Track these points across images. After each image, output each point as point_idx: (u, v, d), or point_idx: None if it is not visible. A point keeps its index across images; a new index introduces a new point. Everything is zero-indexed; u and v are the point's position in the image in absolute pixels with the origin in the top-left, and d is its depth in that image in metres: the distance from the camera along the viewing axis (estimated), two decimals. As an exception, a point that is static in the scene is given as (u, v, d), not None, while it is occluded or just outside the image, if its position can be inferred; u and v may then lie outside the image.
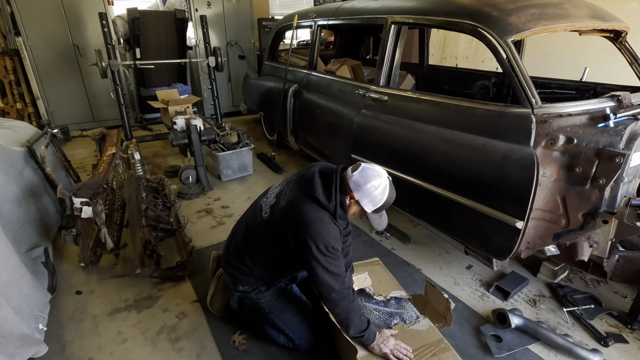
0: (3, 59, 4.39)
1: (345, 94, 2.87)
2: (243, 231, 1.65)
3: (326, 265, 1.38)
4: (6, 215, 1.88)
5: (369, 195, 1.42)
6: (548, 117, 1.71)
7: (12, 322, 1.46)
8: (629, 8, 3.55)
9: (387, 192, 1.44)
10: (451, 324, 1.73)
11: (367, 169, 1.44)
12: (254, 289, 1.66)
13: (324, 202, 1.42)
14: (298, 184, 1.51)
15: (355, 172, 1.44)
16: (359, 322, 1.44)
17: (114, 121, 4.96)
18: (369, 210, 1.45)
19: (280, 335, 1.73)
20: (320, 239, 1.37)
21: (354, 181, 1.43)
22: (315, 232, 1.37)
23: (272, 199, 1.58)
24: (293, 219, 1.43)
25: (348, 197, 1.46)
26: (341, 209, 1.45)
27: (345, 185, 1.47)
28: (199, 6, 5.05)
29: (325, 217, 1.42)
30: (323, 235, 1.38)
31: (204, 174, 3.45)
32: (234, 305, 1.87)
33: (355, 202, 1.46)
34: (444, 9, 2.15)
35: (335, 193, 1.44)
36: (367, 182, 1.41)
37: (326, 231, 1.39)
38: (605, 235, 1.66)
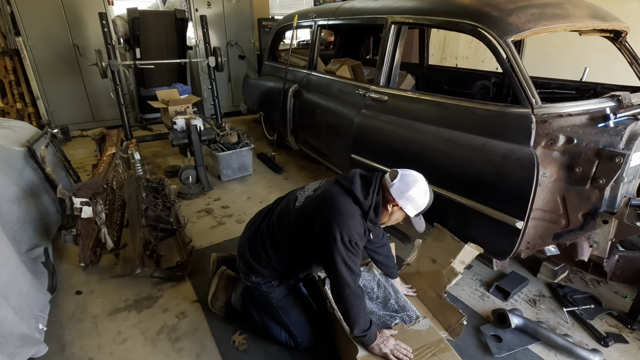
0: (3, 59, 4.39)
1: (345, 94, 2.87)
2: (272, 222, 1.64)
3: (346, 259, 1.39)
4: (6, 215, 1.88)
5: (412, 201, 1.45)
6: (548, 117, 1.71)
7: (12, 322, 1.46)
8: (629, 8, 3.55)
9: (428, 195, 1.48)
10: (454, 339, 1.74)
11: (406, 176, 1.47)
12: (266, 282, 1.65)
13: (361, 198, 1.44)
14: (337, 180, 1.54)
15: (395, 179, 1.46)
16: (364, 321, 1.45)
17: (114, 121, 4.96)
18: (412, 214, 1.48)
19: (283, 333, 1.73)
20: (347, 231, 1.38)
21: (396, 188, 1.45)
22: (343, 223, 1.38)
23: (309, 192, 1.60)
24: (324, 206, 1.44)
25: (390, 205, 1.48)
26: (374, 212, 1.46)
27: (384, 192, 1.49)
28: (199, 6, 5.05)
29: (357, 212, 1.43)
30: (350, 228, 1.38)
31: (204, 174, 3.45)
32: (236, 302, 1.86)
33: (399, 209, 1.48)
34: (444, 9, 2.15)
35: (372, 194, 1.46)
36: (409, 188, 1.44)
37: (354, 225, 1.40)
38: (605, 235, 1.67)
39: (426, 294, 1.96)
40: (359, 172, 1.54)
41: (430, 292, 1.94)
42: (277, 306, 1.67)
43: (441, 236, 2.01)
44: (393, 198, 1.46)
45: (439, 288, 1.88)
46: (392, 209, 1.49)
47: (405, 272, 2.13)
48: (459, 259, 1.85)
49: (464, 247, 1.85)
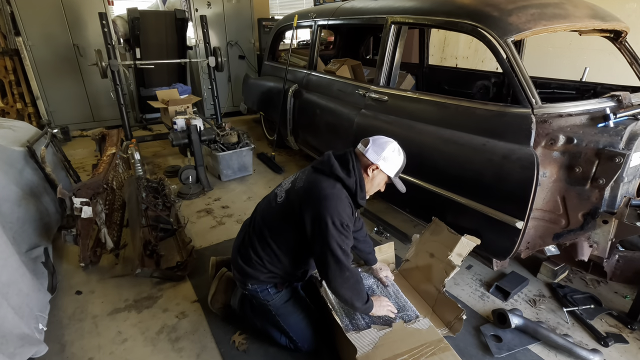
0: (3, 59, 4.39)
1: (345, 94, 2.87)
2: (257, 222, 1.63)
3: (340, 243, 1.41)
4: (6, 215, 1.88)
5: (389, 160, 1.50)
6: (548, 117, 1.71)
7: (12, 322, 1.46)
8: (629, 8, 3.55)
9: (402, 153, 1.55)
10: (455, 335, 1.74)
11: (377, 139, 1.53)
12: (262, 290, 1.62)
13: (344, 178, 1.46)
14: (313, 167, 1.56)
15: (368, 145, 1.51)
16: (363, 295, 1.53)
17: (114, 121, 4.96)
18: (392, 174, 1.53)
19: (282, 337, 1.72)
20: (336, 215, 1.40)
21: (371, 152, 1.50)
22: (332, 207, 1.40)
23: (287, 185, 1.61)
24: (311, 195, 1.45)
25: (370, 169, 1.51)
26: (360, 188, 1.50)
27: (362, 161, 1.52)
28: (199, 6, 5.05)
29: (343, 194, 1.46)
30: (339, 212, 1.41)
31: (204, 174, 3.45)
32: (235, 304, 1.87)
33: (379, 171, 1.52)
34: (444, 9, 2.15)
35: (353, 169, 1.48)
36: (383, 149, 1.49)
37: (342, 208, 1.43)
38: (605, 235, 1.66)
39: (425, 289, 1.97)
40: (332, 153, 1.56)
41: (429, 287, 1.94)
42: (275, 313, 1.66)
43: (438, 230, 2.01)
44: (371, 162, 1.50)
45: (437, 282, 1.88)
46: (372, 174, 1.53)
47: (404, 268, 2.13)
48: (456, 252, 1.85)
49: (460, 239, 1.86)
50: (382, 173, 1.53)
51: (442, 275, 1.87)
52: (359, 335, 1.50)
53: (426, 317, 1.67)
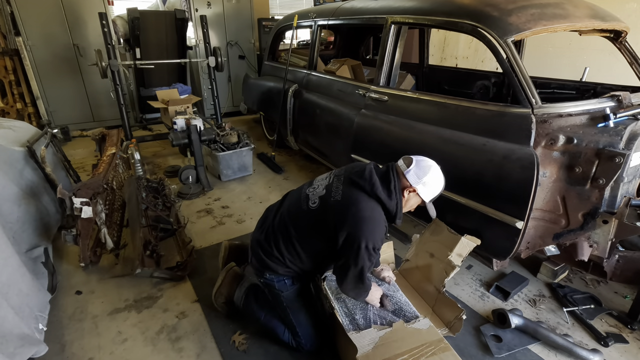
0: (3, 59, 4.39)
1: (345, 94, 2.87)
2: (283, 218, 1.62)
3: (367, 265, 1.45)
4: (6, 215, 1.88)
5: (428, 186, 1.48)
6: (548, 117, 1.71)
7: (12, 322, 1.46)
8: (629, 8, 3.55)
9: (442, 179, 1.52)
10: (455, 335, 1.74)
11: (421, 161, 1.50)
12: (279, 280, 1.64)
13: (385, 201, 1.45)
14: (351, 179, 1.50)
15: (411, 165, 1.48)
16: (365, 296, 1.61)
17: (114, 121, 4.96)
18: (427, 200, 1.51)
19: (286, 332, 1.72)
20: (372, 239, 1.40)
21: (413, 174, 1.47)
22: (370, 231, 1.40)
23: (321, 190, 1.56)
24: (348, 214, 1.43)
25: (407, 191, 1.49)
26: (400, 210, 1.50)
27: (400, 180, 1.50)
28: (199, 6, 5.05)
29: (382, 218, 1.45)
30: (375, 236, 1.42)
31: (204, 174, 3.45)
32: (239, 299, 1.85)
33: (415, 194, 1.50)
34: (444, 9, 2.15)
35: (395, 191, 1.46)
36: (425, 173, 1.47)
37: (379, 232, 1.44)
38: (605, 235, 1.67)
39: (425, 289, 1.97)
40: (373, 167, 1.52)
41: (429, 287, 1.94)
42: (287, 306, 1.68)
43: (438, 230, 2.02)
44: (410, 184, 1.47)
45: (437, 282, 1.88)
46: (408, 195, 1.50)
47: (404, 268, 2.13)
48: (456, 252, 1.85)
49: (460, 239, 1.86)
50: (417, 196, 1.50)
51: (442, 275, 1.87)
52: (359, 335, 1.50)
53: (426, 317, 1.67)
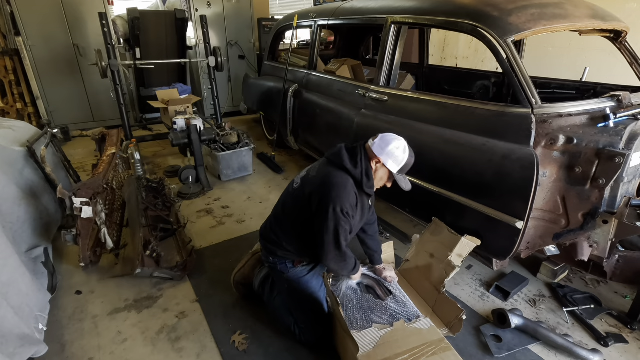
0: (3, 59, 4.39)
1: (345, 94, 2.87)
2: (279, 205, 1.80)
3: (338, 227, 1.51)
4: (6, 215, 1.87)
5: (393, 156, 1.56)
6: (548, 117, 1.71)
7: (12, 321, 1.46)
8: (629, 8, 3.55)
9: (408, 152, 1.59)
10: (455, 335, 1.74)
11: (386, 135, 1.60)
12: (281, 263, 1.75)
13: (351, 169, 1.57)
14: (327, 158, 1.67)
15: (376, 139, 1.61)
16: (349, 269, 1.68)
17: (114, 121, 4.96)
18: (394, 170, 1.59)
19: (290, 317, 1.78)
20: (339, 202, 1.50)
21: (377, 145, 1.58)
22: (337, 195, 1.51)
23: (304, 173, 1.73)
24: (320, 183, 1.58)
25: (374, 162, 1.60)
26: (366, 177, 1.58)
27: (369, 154, 1.61)
28: (199, 6, 5.05)
29: (349, 183, 1.55)
30: (342, 199, 1.51)
31: (204, 174, 3.45)
32: (256, 282, 1.98)
33: (382, 166, 1.59)
34: (444, 9, 2.15)
35: (360, 161, 1.57)
36: (389, 144, 1.57)
37: (346, 196, 1.52)
38: (605, 235, 1.66)
39: (425, 289, 1.97)
40: (344, 146, 1.65)
41: (429, 287, 1.94)
42: (289, 287, 1.77)
43: (438, 230, 2.02)
44: (375, 155, 1.58)
45: (437, 283, 1.88)
46: (375, 167, 1.61)
47: (404, 268, 2.13)
48: (456, 252, 1.86)
49: (460, 240, 1.86)
50: (384, 168, 1.60)
51: (442, 275, 1.87)
52: (360, 335, 1.50)
53: (427, 317, 1.67)
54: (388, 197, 2.62)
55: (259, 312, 1.96)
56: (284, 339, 1.80)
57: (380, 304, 1.76)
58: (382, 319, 1.66)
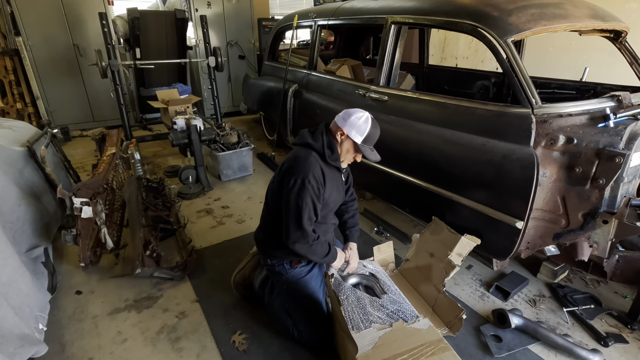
0: (3, 59, 4.39)
1: (345, 94, 2.87)
2: (264, 205, 1.81)
3: (298, 200, 1.51)
4: (6, 215, 1.88)
5: (355, 126, 1.58)
6: (548, 117, 1.71)
7: (12, 321, 1.46)
8: (629, 8, 3.55)
9: (370, 122, 1.61)
10: (455, 334, 1.74)
11: (349, 109, 1.64)
12: (279, 264, 1.74)
13: (312, 143, 1.61)
14: (293, 144, 1.73)
15: (340, 113, 1.65)
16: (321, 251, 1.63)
17: (114, 121, 4.96)
18: (358, 140, 1.59)
19: (288, 319, 1.77)
20: (301, 173, 1.53)
21: (340, 118, 1.62)
22: (298, 167, 1.55)
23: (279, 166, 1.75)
24: (286, 165, 1.62)
25: (338, 134, 1.62)
26: (329, 149, 1.61)
27: (332, 128, 1.65)
28: (199, 6, 5.05)
29: (311, 156, 1.58)
30: (305, 170, 1.53)
31: (204, 174, 3.45)
32: (256, 284, 1.98)
33: (346, 137, 1.61)
34: (444, 9, 2.15)
35: (321, 135, 1.62)
36: (350, 115, 1.60)
37: (308, 167, 1.54)
38: (605, 235, 1.66)
39: (425, 289, 1.97)
40: (307, 129, 1.70)
41: (429, 287, 1.94)
42: (287, 288, 1.76)
43: (438, 229, 2.02)
44: (338, 126, 1.61)
45: (437, 282, 1.89)
46: (340, 139, 1.63)
47: (404, 267, 2.13)
48: (456, 252, 1.86)
49: (460, 239, 1.86)
50: (349, 139, 1.61)
51: (442, 275, 1.87)
52: (359, 335, 1.50)
53: (426, 317, 1.67)
54: (388, 197, 2.62)
55: (259, 312, 1.96)
56: (284, 339, 1.80)
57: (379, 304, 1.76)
58: (381, 320, 1.66)
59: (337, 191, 1.71)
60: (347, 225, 1.89)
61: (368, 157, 1.64)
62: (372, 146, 1.66)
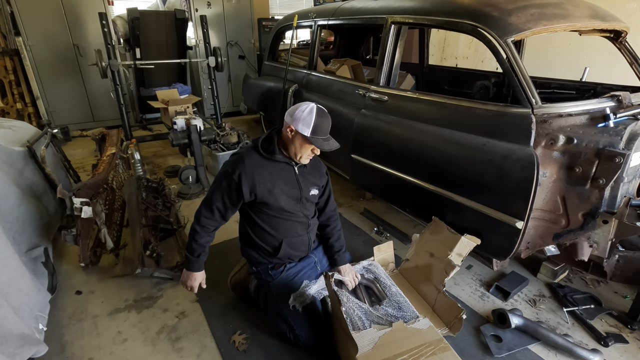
0: (3, 59, 4.39)
1: (345, 94, 2.87)
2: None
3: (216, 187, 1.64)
4: (6, 215, 1.88)
5: (300, 119, 1.57)
6: (548, 117, 1.71)
7: (12, 322, 1.46)
8: (629, 8, 3.55)
9: (314, 112, 1.59)
10: (455, 334, 1.74)
11: (296, 104, 1.64)
12: (264, 271, 1.78)
13: (254, 142, 1.70)
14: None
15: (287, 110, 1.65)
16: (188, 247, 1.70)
17: (114, 121, 4.96)
18: (306, 133, 1.57)
19: (284, 324, 1.74)
20: (229, 164, 1.63)
21: (287, 115, 1.63)
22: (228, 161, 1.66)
23: None
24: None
25: (288, 131, 1.62)
26: (265, 142, 1.68)
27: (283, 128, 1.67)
28: (199, 6, 5.05)
29: (246, 152, 1.66)
30: (231, 162, 1.63)
31: (204, 174, 3.45)
32: (252, 289, 1.97)
33: (295, 132, 1.60)
34: (444, 9, 2.15)
35: (264, 133, 1.69)
36: (295, 109, 1.60)
37: (236, 160, 1.63)
38: (605, 235, 1.66)
39: (425, 289, 1.97)
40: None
41: (429, 287, 1.94)
42: (277, 295, 1.75)
43: (438, 229, 2.02)
44: (286, 123, 1.62)
45: (437, 282, 1.88)
46: (290, 135, 1.62)
47: (404, 267, 2.13)
48: (456, 252, 1.86)
49: (460, 239, 1.86)
50: (298, 134, 1.60)
51: (442, 274, 1.87)
52: (359, 335, 1.50)
53: (426, 317, 1.67)
54: (388, 197, 2.62)
55: (259, 312, 1.95)
56: (284, 340, 1.79)
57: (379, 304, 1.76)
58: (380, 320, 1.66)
59: (289, 185, 1.70)
60: (334, 249, 1.86)
61: (322, 148, 1.61)
62: (325, 136, 1.62)
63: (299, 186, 1.72)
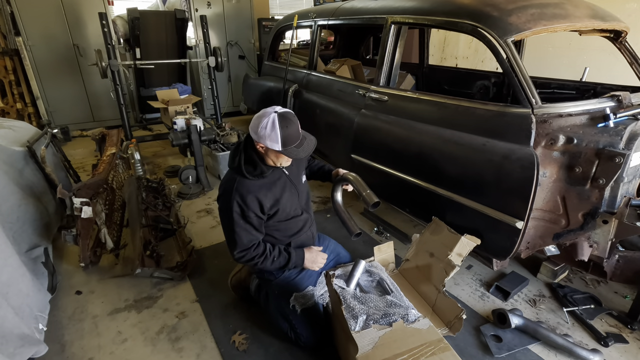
0: (3, 59, 4.39)
1: (345, 94, 2.87)
2: None
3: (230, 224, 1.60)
4: (6, 215, 1.88)
5: (266, 137, 1.48)
6: (548, 117, 1.71)
7: (12, 322, 1.46)
8: (629, 8, 3.55)
9: (277, 125, 1.47)
10: (455, 334, 1.74)
11: (256, 116, 1.53)
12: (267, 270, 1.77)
13: (231, 164, 1.64)
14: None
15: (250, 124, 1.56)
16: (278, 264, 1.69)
17: (114, 121, 4.97)
18: (277, 148, 1.50)
19: (285, 323, 1.75)
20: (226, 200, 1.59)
21: (251, 130, 1.53)
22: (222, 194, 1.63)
23: None
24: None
25: (259, 147, 1.56)
26: (249, 165, 1.59)
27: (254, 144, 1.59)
28: (199, 6, 5.05)
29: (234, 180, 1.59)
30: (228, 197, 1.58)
31: (204, 174, 3.45)
32: (252, 289, 1.98)
33: (266, 148, 1.54)
34: (444, 9, 2.15)
35: (238, 154, 1.59)
36: (257, 127, 1.49)
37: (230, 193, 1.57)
38: (605, 235, 1.67)
39: (425, 289, 1.97)
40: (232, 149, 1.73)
41: (429, 287, 1.94)
42: (279, 293, 1.76)
43: (438, 229, 2.02)
44: (254, 140, 1.55)
45: (437, 282, 1.88)
46: (263, 150, 1.57)
47: (404, 267, 2.13)
48: (456, 252, 1.86)
49: (460, 239, 1.86)
50: (269, 149, 1.54)
51: (442, 274, 1.87)
52: (359, 335, 1.50)
53: (426, 317, 1.67)
54: (388, 197, 2.62)
55: (259, 312, 1.95)
56: (284, 339, 1.80)
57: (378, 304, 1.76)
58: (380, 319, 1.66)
59: (287, 189, 1.70)
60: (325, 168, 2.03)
61: (297, 157, 1.55)
62: (297, 141, 1.53)
63: (294, 185, 1.75)
